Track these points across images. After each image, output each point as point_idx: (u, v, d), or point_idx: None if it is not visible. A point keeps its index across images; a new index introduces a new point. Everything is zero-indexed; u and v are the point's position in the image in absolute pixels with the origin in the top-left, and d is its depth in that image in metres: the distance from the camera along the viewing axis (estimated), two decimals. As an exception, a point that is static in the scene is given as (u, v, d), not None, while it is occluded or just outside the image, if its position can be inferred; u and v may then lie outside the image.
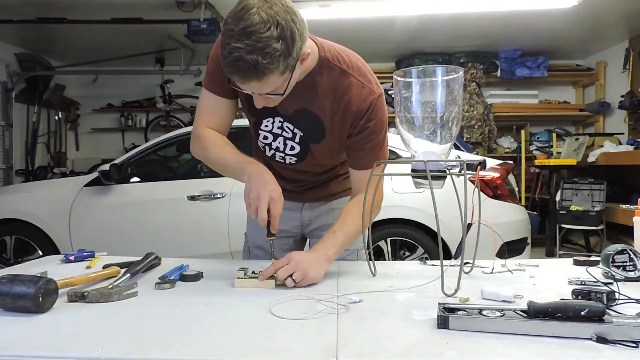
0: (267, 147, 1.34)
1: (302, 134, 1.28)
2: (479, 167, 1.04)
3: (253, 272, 1.12)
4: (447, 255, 3.02)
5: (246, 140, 1.44)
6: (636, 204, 1.28)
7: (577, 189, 4.74)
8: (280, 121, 1.27)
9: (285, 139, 1.30)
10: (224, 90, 1.25)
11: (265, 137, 1.31)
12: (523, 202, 4.76)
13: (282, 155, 1.33)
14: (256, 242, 1.50)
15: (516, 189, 3.52)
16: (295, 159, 1.33)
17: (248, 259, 1.52)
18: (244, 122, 1.50)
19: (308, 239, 1.57)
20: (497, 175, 3.26)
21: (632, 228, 1.28)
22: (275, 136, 1.30)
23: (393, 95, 1.14)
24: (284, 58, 0.98)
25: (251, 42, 0.94)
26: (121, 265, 1.20)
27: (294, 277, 1.07)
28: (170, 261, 1.34)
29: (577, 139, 5.42)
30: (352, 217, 1.23)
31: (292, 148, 1.31)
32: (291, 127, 1.28)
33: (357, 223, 1.21)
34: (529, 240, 3.43)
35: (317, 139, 1.27)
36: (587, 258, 1.30)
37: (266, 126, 1.29)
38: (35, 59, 5.95)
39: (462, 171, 1.02)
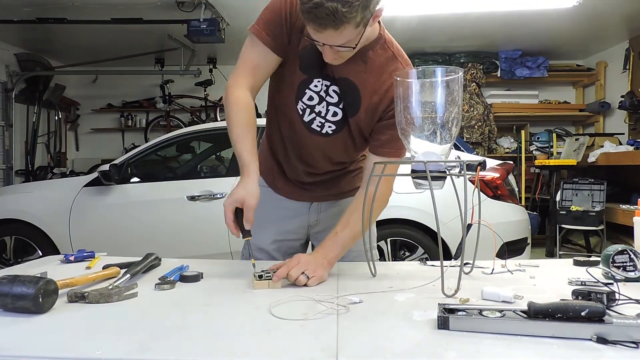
0: (308, 110, 1.29)
1: (345, 103, 1.27)
2: (478, 167, 1.04)
3: (268, 273, 1.11)
4: (447, 256, 3.02)
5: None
6: (636, 204, 1.28)
7: (577, 189, 4.74)
8: (327, 85, 1.26)
9: (329, 104, 1.28)
10: (276, 44, 1.23)
11: (311, 98, 1.28)
12: (523, 203, 4.76)
13: (322, 121, 1.30)
14: (257, 244, 1.49)
15: (516, 189, 3.52)
16: (334, 127, 1.31)
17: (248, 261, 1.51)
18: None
19: (311, 242, 1.56)
20: (497, 175, 3.26)
21: (632, 228, 1.28)
22: (321, 99, 1.28)
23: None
24: (362, 9, 1.00)
25: None
26: (121, 266, 1.20)
27: (307, 274, 1.09)
28: (170, 262, 1.34)
29: (577, 139, 5.42)
30: (357, 217, 1.22)
31: (335, 114, 1.29)
32: (338, 91, 1.27)
33: (361, 224, 1.21)
34: (529, 241, 3.43)
35: (353, 112, 1.27)
36: (587, 258, 1.30)
37: (316, 86, 1.27)
38: (35, 59, 5.95)
39: (462, 171, 1.02)
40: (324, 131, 1.32)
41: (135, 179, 3.60)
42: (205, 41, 4.74)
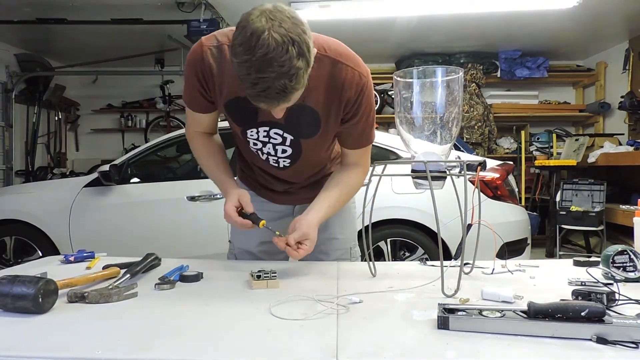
0: (259, 152, 1.32)
1: (292, 137, 1.26)
2: (478, 167, 1.04)
3: (266, 273, 1.11)
4: (447, 256, 3.02)
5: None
6: (636, 205, 1.28)
7: (577, 189, 4.74)
8: (265, 130, 1.25)
9: (275, 144, 1.28)
10: (202, 108, 1.29)
11: (255, 144, 1.31)
12: (523, 203, 4.75)
13: (275, 159, 1.32)
14: (243, 247, 1.49)
15: (516, 189, 3.51)
16: (288, 160, 1.32)
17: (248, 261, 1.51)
18: None
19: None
20: (497, 175, 3.26)
21: (632, 229, 1.28)
22: (264, 143, 1.29)
23: (393, 96, 1.14)
24: (306, 72, 0.98)
25: (274, 69, 0.92)
26: (121, 266, 1.20)
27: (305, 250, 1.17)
28: (170, 262, 1.34)
29: (577, 140, 5.42)
30: (337, 182, 1.31)
31: (284, 151, 1.30)
32: (280, 132, 1.26)
33: (342, 198, 1.32)
34: (529, 241, 3.43)
35: (311, 133, 1.26)
36: (587, 259, 1.30)
37: (251, 135, 1.28)
38: (35, 60, 5.95)
39: (462, 172, 1.02)
40: (281, 165, 1.33)
41: (135, 180, 3.60)
42: (205, 42, 4.73)
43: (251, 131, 1.27)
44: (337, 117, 1.23)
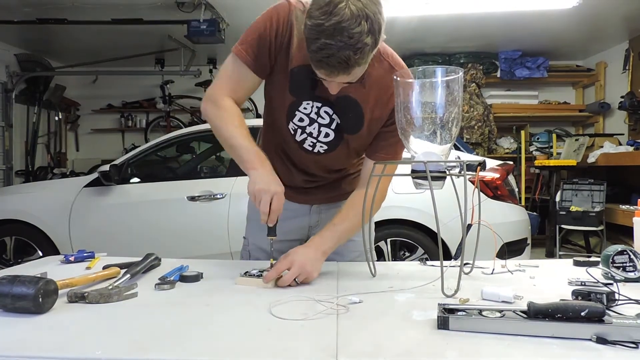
0: (299, 131, 1.29)
1: (339, 122, 1.26)
2: (478, 167, 1.04)
3: (256, 272, 1.12)
4: (447, 256, 3.02)
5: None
6: (636, 205, 1.28)
7: (577, 189, 4.74)
8: (317, 107, 1.25)
9: (320, 125, 1.27)
10: (258, 65, 1.21)
11: (301, 120, 1.27)
12: (523, 203, 4.76)
13: (314, 141, 1.30)
14: (257, 244, 1.48)
15: (516, 189, 3.51)
16: (326, 147, 1.30)
17: (248, 261, 1.51)
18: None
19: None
20: (497, 175, 3.26)
21: (632, 229, 1.28)
22: (312, 121, 1.27)
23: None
24: (372, 50, 1.00)
25: (343, 39, 0.95)
26: (121, 266, 1.20)
27: (297, 280, 1.10)
28: (170, 262, 1.34)
29: (577, 140, 5.42)
30: (356, 211, 1.23)
31: (327, 135, 1.28)
32: (330, 112, 1.25)
33: (359, 218, 1.22)
34: (529, 241, 3.43)
35: (355, 130, 1.26)
36: (587, 259, 1.30)
37: (305, 108, 1.25)
38: (36, 60, 5.95)
39: (462, 172, 1.02)
40: (315, 150, 1.32)
41: (136, 180, 3.60)
42: (205, 42, 4.74)
43: (307, 102, 1.24)
44: (379, 122, 1.25)
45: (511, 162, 3.74)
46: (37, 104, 6.23)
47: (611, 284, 1.01)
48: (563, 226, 4.60)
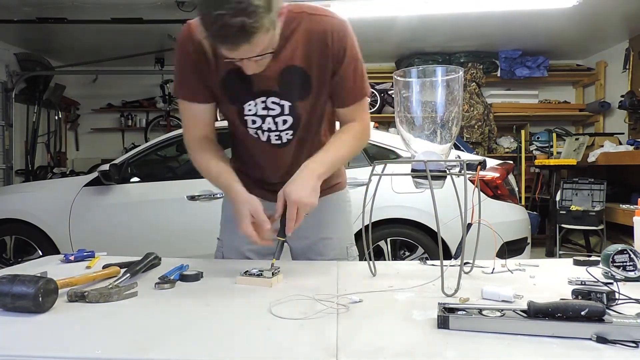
0: (259, 132, 1.30)
1: (289, 103, 1.25)
2: (479, 167, 1.04)
3: (256, 271, 1.12)
4: (447, 255, 3.02)
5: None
6: (636, 204, 1.28)
7: (577, 189, 4.74)
8: (262, 101, 1.25)
9: (274, 117, 1.27)
10: (199, 95, 1.26)
11: (254, 122, 1.28)
12: (523, 202, 4.76)
13: (278, 134, 1.30)
14: (232, 245, 1.47)
15: (516, 189, 3.52)
16: (291, 132, 1.30)
17: (248, 260, 1.51)
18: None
19: (286, 241, 1.54)
20: (497, 175, 3.26)
21: (632, 228, 1.28)
22: (263, 118, 1.27)
23: (393, 95, 1.14)
24: (267, 12, 0.98)
25: (232, 5, 0.94)
26: (121, 265, 1.20)
27: (301, 216, 1.14)
28: (170, 261, 1.34)
29: (577, 139, 5.42)
30: (341, 142, 1.26)
31: (285, 122, 1.28)
32: (277, 100, 1.25)
33: (345, 149, 1.27)
34: (529, 240, 3.43)
35: (305, 94, 1.25)
36: (587, 258, 1.30)
37: (250, 110, 1.27)
38: (35, 59, 5.95)
39: (462, 171, 1.02)
40: (284, 140, 1.31)
41: (135, 179, 3.60)
42: (205, 41, 4.73)
43: (249, 105, 1.26)
44: (325, 71, 1.23)
45: (511, 162, 3.75)
46: (37, 104, 6.23)
47: (611, 283, 1.01)
48: (563, 225, 4.60)
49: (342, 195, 1.51)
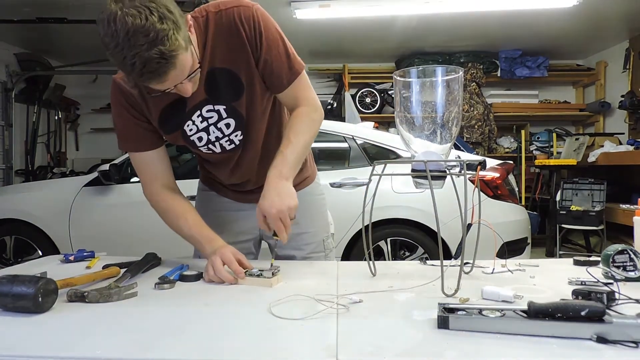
0: (211, 145, 1.29)
1: (224, 106, 1.23)
2: (478, 167, 1.04)
3: (256, 271, 1.12)
4: (447, 256, 3.02)
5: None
6: (636, 204, 1.28)
7: (577, 189, 4.74)
8: (197, 115, 1.24)
9: (215, 125, 1.25)
10: (146, 142, 1.27)
11: (200, 139, 1.27)
12: (523, 202, 4.76)
13: (227, 139, 1.28)
14: None
15: (516, 189, 3.52)
16: (239, 132, 1.28)
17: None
18: None
19: (263, 240, 1.55)
20: (497, 175, 3.26)
21: (632, 228, 1.28)
22: (206, 130, 1.26)
23: (393, 95, 1.14)
24: (177, 31, 0.96)
25: (142, 40, 0.92)
26: (121, 266, 1.20)
27: (288, 223, 1.13)
28: (170, 261, 1.34)
29: (577, 139, 5.42)
30: (295, 131, 1.21)
31: (228, 125, 1.26)
32: (210, 107, 1.23)
33: (302, 137, 1.21)
34: (529, 240, 3.43)
35: (238, 94, 1.22)
36: (587, 258, 1.30)
37: (191, 130, 1.26)
38: (35, 59, 5.95)
39: (462, 171, 1.02)
40: (237, 143, 1.30)
41: (135, 179, 3.59)
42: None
43: (188, 125, 1.24)
44: (249, 63, 1.18)
45: (511, 162, 3.75)
46: (37, 104, 6.22)
47: (611, 283, 1.01)
48: (563, 225, 4.60)
49: (312, 189, 1.51)
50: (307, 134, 1.24)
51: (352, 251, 3.22)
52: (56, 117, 6.71)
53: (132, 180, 3.57)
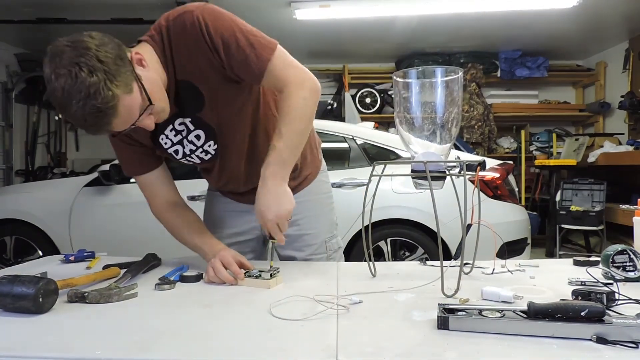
0: (188, 157, 1.29)
1: (190, 119, 1.21)
2: (478, 167, 1.04)
3: (256, 272, 1.13)
4: (447, 256, 3.02)
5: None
6: (636, 204, 1.28)
7: (577, 189, 4.74)
8: (170, 130, 1.23)
9: (186, 139, 1.25)
10: (144, 165, 1.29)
11: (177, 152, 1.27)
12: (523, 203, 4.76)
13: (202, 150, 1.27)
14: None
15: (516, 189, 3.51)
16: (211, 142, 1.26)
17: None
18: None
19: (264, 238, 1.53)
20: (497, 175, 3.26)
21: (632, 228, 1.28)
22: (180, 142, 1.26)
23: (393, 96, 1.14)
24: (112, 80, 0.94)
25: (77, 98, 0.92)
26: (121, 266, 1.21)
27: (284, 226, 1.13)
28: (171, 262, 1.34)
29: (577, 139, 5.42)
30: (286, 120, 1.13)
31: (198, 137, 1.24)
32: (179, 121, 1.21)
33: (294, 125, 1.13)
34: (529, 241, 3.43)
35: (199, 105, 1.18)
36: (587, 258, 1.30)
37: (166, 143, 1.26)
38: (35, 59, 5.95)
39: (462, 171, 1.02)
40: (212, 153, 1.28)
41: (135, 179, 3.60)
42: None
43: (162, 139, 1.25)
44: (211, 68, 1.12)
45: (511, 162, 3.74)
46: (37, 104, 6.22)
47: (611, 283, 1.01)
48: (563, 226, 4.60)
49: (314, 187, 1.46)
50: (300, 119, 1.14)
51: (352, 251, 3.22)
52: (56, 118, 6.71)
53: (132, 180, 3.57)
